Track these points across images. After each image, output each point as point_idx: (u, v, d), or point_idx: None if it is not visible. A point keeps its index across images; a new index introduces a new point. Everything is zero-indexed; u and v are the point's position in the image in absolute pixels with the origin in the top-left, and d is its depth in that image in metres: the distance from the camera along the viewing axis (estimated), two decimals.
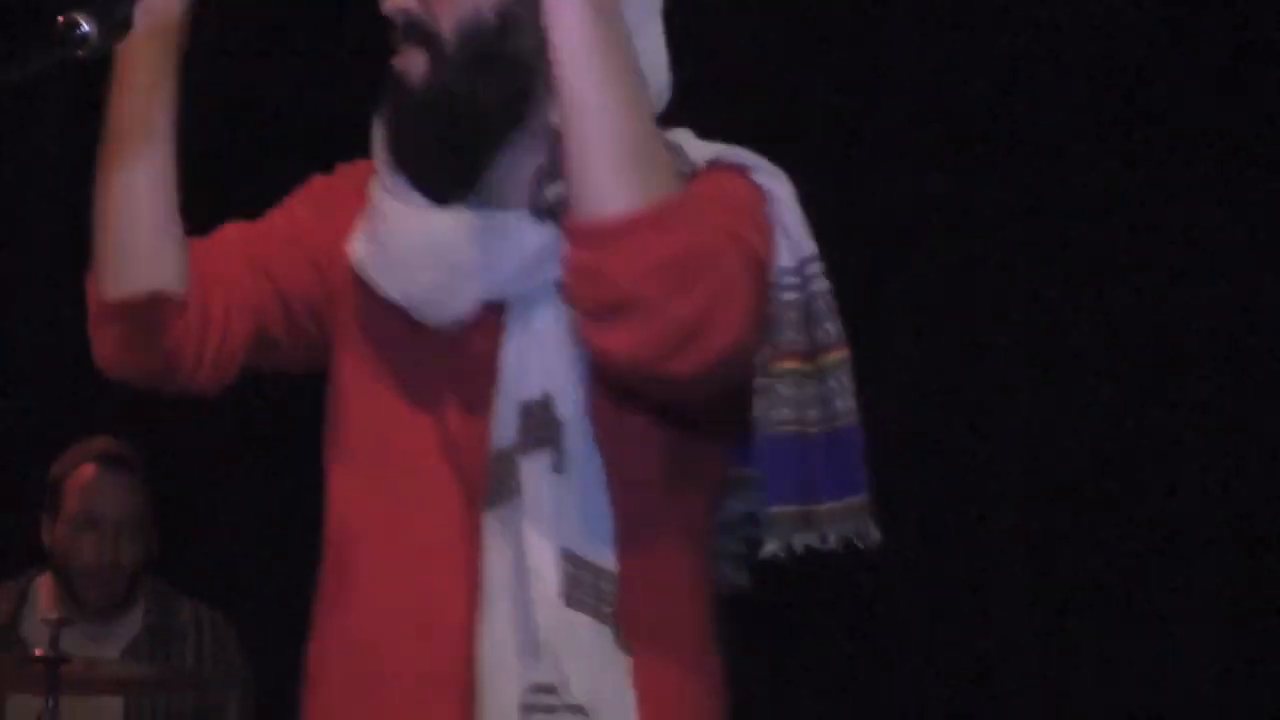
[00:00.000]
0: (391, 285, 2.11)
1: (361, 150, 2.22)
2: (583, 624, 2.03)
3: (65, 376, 4.75)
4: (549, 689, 2.02)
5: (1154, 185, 4.30)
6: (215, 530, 4.73)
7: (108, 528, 3.96)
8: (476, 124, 2.08)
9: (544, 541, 2.03)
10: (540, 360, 2.07)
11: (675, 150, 2.09)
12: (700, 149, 2.13)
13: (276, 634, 4.11)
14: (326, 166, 2.31)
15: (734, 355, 1.92)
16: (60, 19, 1.66)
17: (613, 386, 2.06)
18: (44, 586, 4.03)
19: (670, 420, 2.10)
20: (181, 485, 4.61)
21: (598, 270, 1.85)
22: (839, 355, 2.14)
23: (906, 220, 4.42)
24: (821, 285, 2.12)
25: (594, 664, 2.02)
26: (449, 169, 2.10)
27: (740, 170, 2.12)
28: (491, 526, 2.06)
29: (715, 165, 2.10)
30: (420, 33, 2.08)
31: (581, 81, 1.86)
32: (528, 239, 2.07)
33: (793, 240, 2.11)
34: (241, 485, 4.71)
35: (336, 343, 2.21)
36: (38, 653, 3.49)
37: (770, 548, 2.12)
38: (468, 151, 2.09)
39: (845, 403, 2.13)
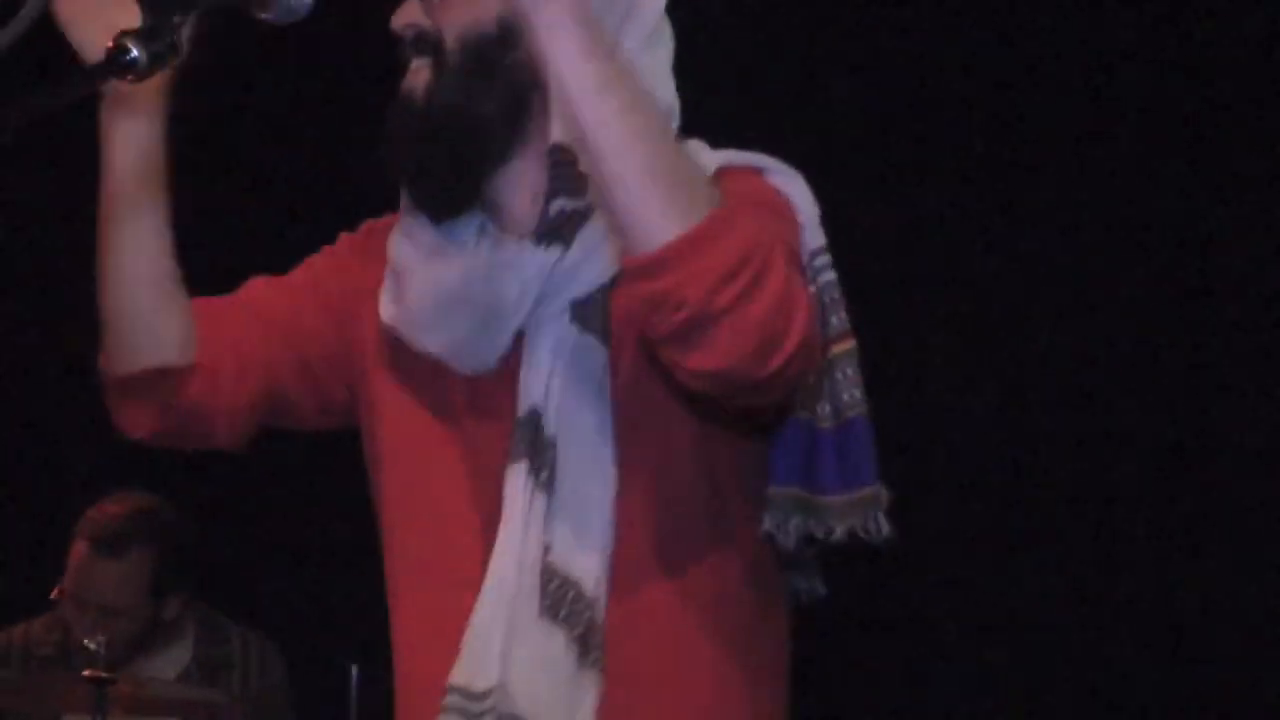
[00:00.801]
0: (429, 342, 2.13)
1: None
2: (556, 638, 2.04)
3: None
4: (478, 696, 2.04)
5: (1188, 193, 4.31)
6: (262, 557, 4.76)
7: (92, 611, 3.93)
8: (476, 134, 2.09)
9: (503, 550, 2.06)
10: (537, 377, 2.08)
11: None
12: (712, 157, 2.14)
13: (316, 658, 4.17)
14: (352, 224, 2.34)
15: (810, 344, 1.93)
16: (110, 44, 1.69)
17: (695, 409, 2.07)
18: None
19: (717, 440, 2.11)
20: (231, 514, 4.66)
21: (667, 297, 1.84)
22: (846, 347, 2.13)
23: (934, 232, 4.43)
24: (829, 277, 2.12)
25: (550, 676, 2.04)
26: (449, 182, 2.12)
27: (754, 171, 2.12)
28: (500, 536, 2.08)
29: (728, 169, 2.11)
30: (426, 44, 2.10)
31: (595, 122, 1.85)
32: (532, 270, 2.07)
33: (811, 232, 2.11)
34: (288, 515, 4.74)
35: (365, 394, 2.22)
36: (87, 673, 3.52)
37: (766, 526, 2.11)
38: (467, 163, 2.10)
39: (852, 394, 2.12)
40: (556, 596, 2.04)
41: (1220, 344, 4.25)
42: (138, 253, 2.16)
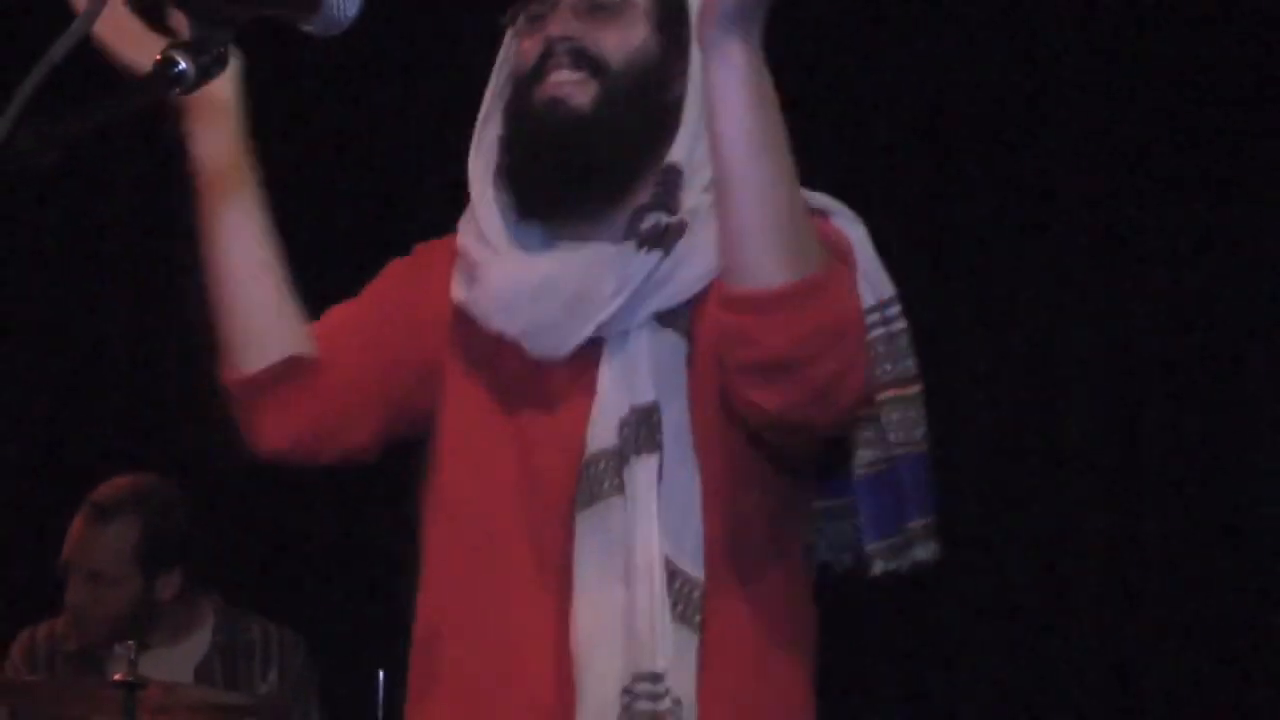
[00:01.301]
0: (505, 323, 2.19)
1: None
2: (678, 629, 2.10)
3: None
4: (653, 678, 2.08)
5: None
6: (289, 561, 4.78)
7: (84, 578, 4.02)
8: (629, 159, 2.18)
9: (648, 543, 2.11)
10: (645, 374, 2.14)
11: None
12: None
13: (343, 663, 4.19)
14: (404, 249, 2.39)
15: (862, 398, 2.08)
16: (158, 57, 1.71)
17: (730, 421, 2.14)
18: None
19: (774, 455, 2.18)
20: (259, 519, 4.68)
21: (755, 336, 1.97)
22: (916, 389, 2.26)
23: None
24: (900, 325, 2.25)
25: (683, 667, 2.09)
26: (586, 193, 2.19)
27: (821, 215, 2.20)
28: (585, 526, 2.13)
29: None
30: (586, 60, 2.18)
31: (746, 167, 1.95)
32: (635, 270, 2.14)
33: (872, 282, 2.22)
34: (314, 519, 4.75)
35: (442, 390, 2.28)
36: (117, 677, 3.53)
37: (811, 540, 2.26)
38: (613, 181, 2.19)
39: (920, 431, 2.26)
40: (676, 588, 2.10)
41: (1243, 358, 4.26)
42: (241, 245, 2.23)
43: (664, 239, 2.15)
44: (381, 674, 3.82)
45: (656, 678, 2.08)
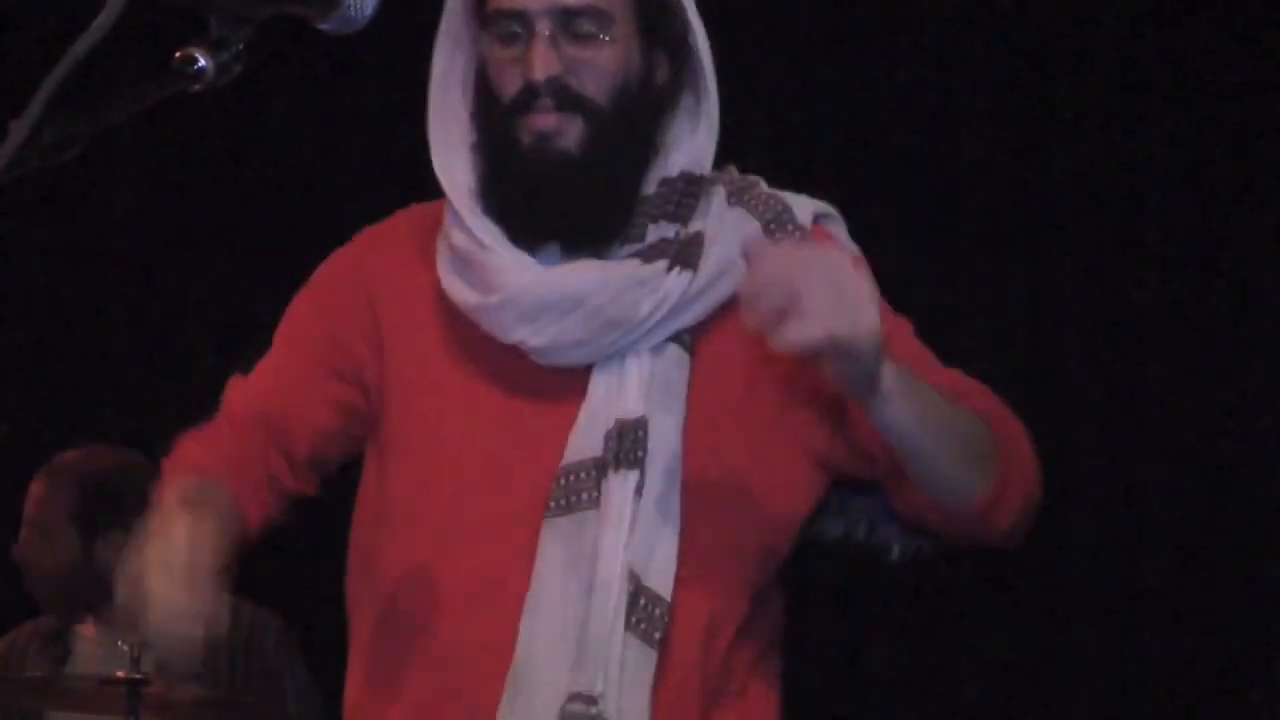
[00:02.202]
0: (529, 335, 2.14)
1: None
2: (632, 645, 2.07)
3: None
4: (588, 699, 2.05)
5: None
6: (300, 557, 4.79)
7: (33, 526, 4.16)
8: (626, 190, 2.16)
9: (612, 557, 2.08)
10: (638, 387, 2.12)
11: (800, 228, 2.20)
12: (799, 207, 2.23)
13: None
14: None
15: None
16: (177, 54, 1.72)
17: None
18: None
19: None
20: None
21: (982, 534, 2.16)
22: None
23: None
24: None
25: (629, 685, 2.07)
26: (591, 228, 2.16)
27: (821, 227, 2.24)
28: (552, 534, 2.10)
29: (819, 221, 2.24)
30: (573, 100, 2.14)
31: (932, 457, 2.08)
32: (670, 292, 2.13)
33: None
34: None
35: (388, 382, 2.22)
36: (120, 674, 3.55)
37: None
38: (615, 214, 2.17)
39: None
40: (639, 605, 2.08)
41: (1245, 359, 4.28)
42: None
43: (690, 256, 2.14)
44: None
45: (591, 700, 2.05)
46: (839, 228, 2.26)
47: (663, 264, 2.13)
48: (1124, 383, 4.35)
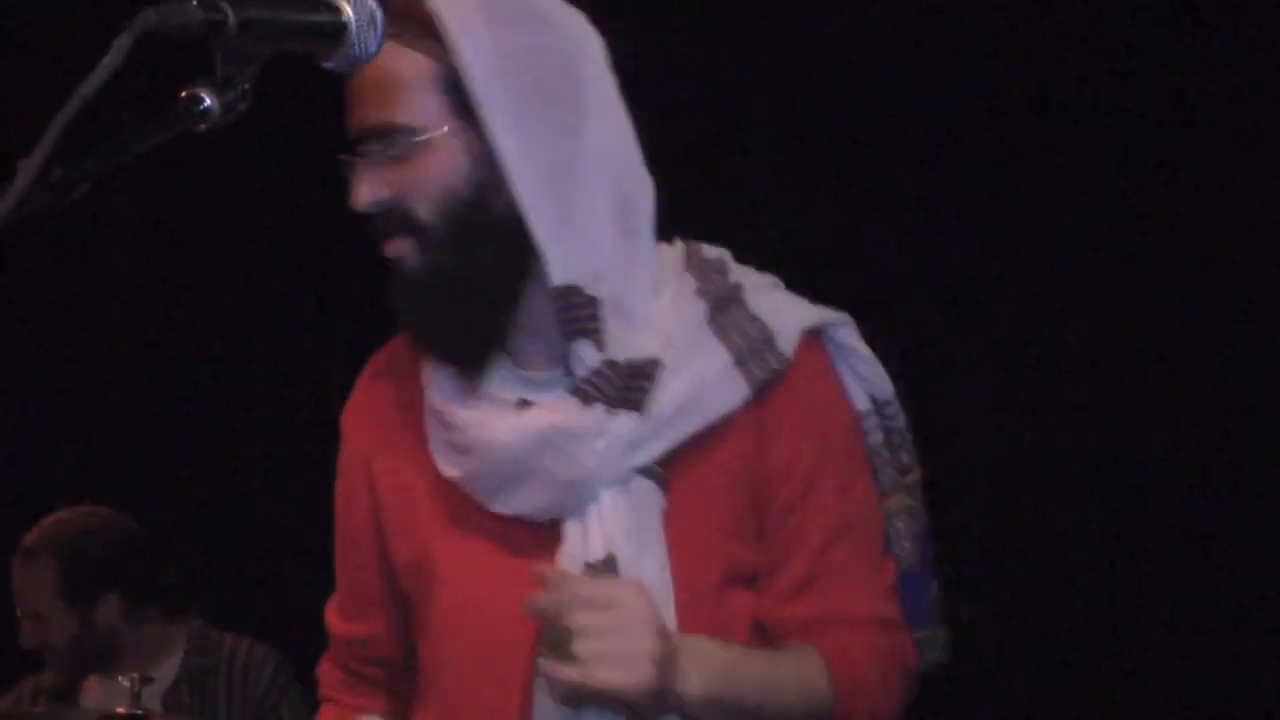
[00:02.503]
0: (502, 506, 2.13)
1: None
2: None
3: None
4: None
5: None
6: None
7: (29, 617, 4.18)
8: (483, 288, 2.07)
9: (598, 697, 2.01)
10: (605, 529, 2.08)
11: (780, 357, 2.11)
12: (787, 326, 2.14)
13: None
14: None
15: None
16: (183, 93, 1.73)
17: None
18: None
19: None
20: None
21: None
22: (913, 479, 2.25)
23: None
24: (899, 422, 2.23)
25: None
26: (470, 340, 2.11)
27: (816, 343, 2.15)
28: (541, 684, 2.06)
29: (804, 338, 2.14)
30: (400, 222, 2.07)
31: None
32: (617, 434, 2.07)
33: (869, 381, 2.18)
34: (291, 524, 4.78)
35: (416, 552, 2.23)
36: (120, 710, 3.56)
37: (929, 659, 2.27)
38: (483, 316, 2.09)
39: (902, 547, 2.24)
40: None
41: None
42: None
43: (637, 394, 2.07)
44: None
45: None
46: (845, 335, 2.18)
47: (601, 407, 2.07)
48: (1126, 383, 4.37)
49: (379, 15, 1.79)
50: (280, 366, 5.13)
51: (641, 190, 2.13)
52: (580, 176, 2.07)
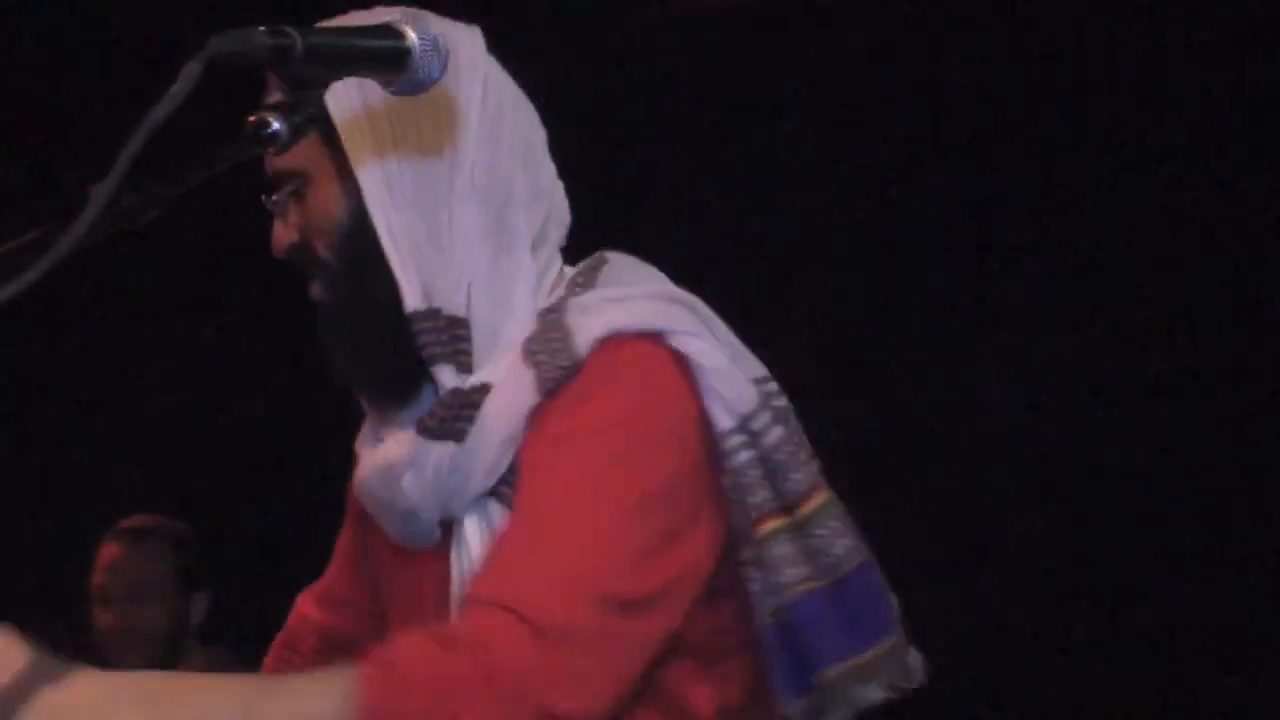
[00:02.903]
0: (390, 537, 2.15)
1: None
2: None
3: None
4: None
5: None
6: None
7: (121, 603, 4.21)
8: (380, 322, 2.06)
9: None
10: (472, 557, 2.04)
11: (563, 348, 2.00)
12: (591, 321, 2.02)
13: None
14: None
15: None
16: (251, 118, 1.75)
17: None
18: None
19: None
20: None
21: None
22: (818, 501, 2.03)
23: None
24: (774, 436, 2.01)
25: None
26: (379, 375, 2.11)
27: (652, 338, 2.00)
28: None
29: (611, 340, 2.00)
30: (309, 263, 2.09)
31: None
32: (437, 464, 2.04)
33: (727, 400, 1.99)
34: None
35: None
36: None
37: (840, 717, 2.05)
38: (387, 350, 2.07)
39: (844, 546, 2.02)
40: None
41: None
42: None
43: (459, 423, 2.02)
44: None
45: None
46: (693, 348, 2.00)
47: (422, 437, 2.05)
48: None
49: (442, 41, 1.81)
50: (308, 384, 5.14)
51: (526, 207, 2.08)
52: (449, 198, 2.04)
